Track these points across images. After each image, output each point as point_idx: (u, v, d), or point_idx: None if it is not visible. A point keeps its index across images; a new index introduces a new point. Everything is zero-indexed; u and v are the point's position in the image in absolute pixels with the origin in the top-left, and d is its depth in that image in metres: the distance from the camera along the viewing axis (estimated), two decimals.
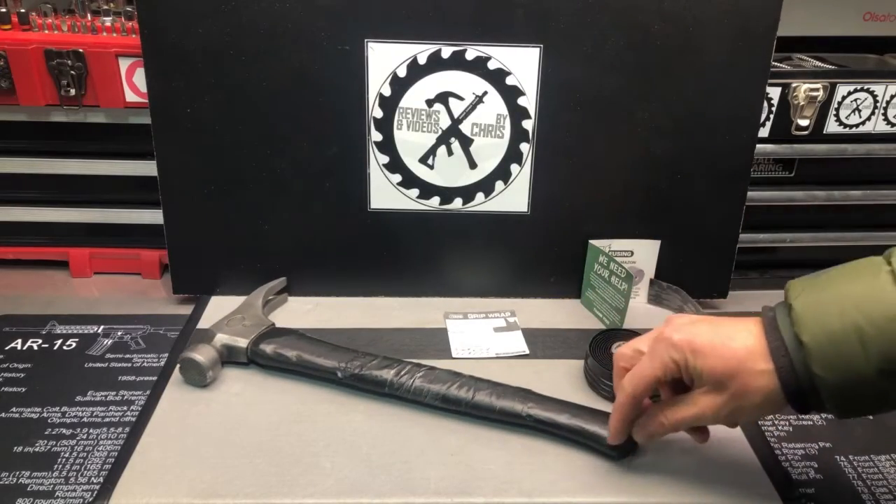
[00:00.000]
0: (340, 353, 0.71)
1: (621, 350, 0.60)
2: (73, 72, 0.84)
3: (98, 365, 0.78)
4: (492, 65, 0.78)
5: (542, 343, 0.79)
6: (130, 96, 0.85)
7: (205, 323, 0.80)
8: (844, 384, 0.48)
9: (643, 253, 0.85)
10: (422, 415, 0.67)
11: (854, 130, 0.89)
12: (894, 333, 0.47)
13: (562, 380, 0.73)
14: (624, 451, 0.62)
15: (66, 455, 0.66)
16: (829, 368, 0.48)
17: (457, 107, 0.80)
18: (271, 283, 0.84)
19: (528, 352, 0.78)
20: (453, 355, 0.77)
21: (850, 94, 0.87)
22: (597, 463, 0.62)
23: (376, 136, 0.81)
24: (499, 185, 0.83)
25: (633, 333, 0.74)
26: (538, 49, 0.78)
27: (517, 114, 0.80)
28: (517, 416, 0.64)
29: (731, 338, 0.52)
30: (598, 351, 0.73)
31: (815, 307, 0.50)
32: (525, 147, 0.82)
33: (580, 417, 0.63)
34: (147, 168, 0.87)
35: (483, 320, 0.83)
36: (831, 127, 0.89)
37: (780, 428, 0.71)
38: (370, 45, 0.77)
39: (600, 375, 0.70)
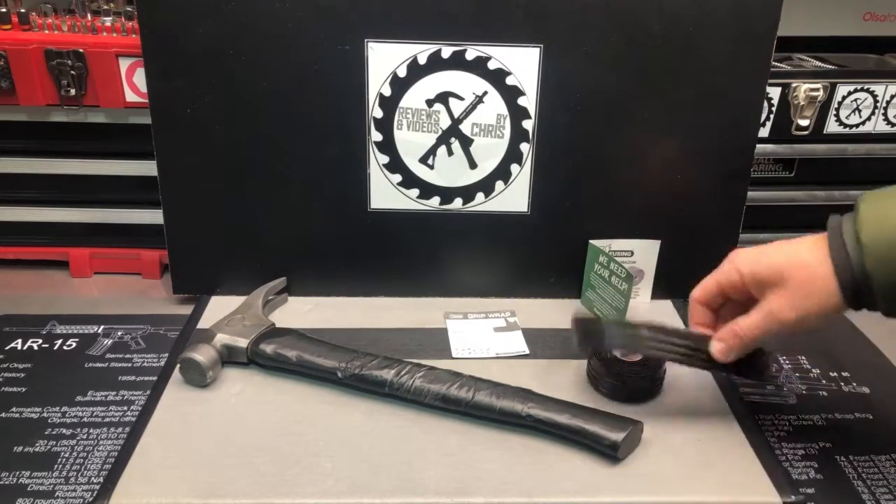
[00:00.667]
0: (340, 353, 0.71)
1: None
2: (73, 72, 0.84)
3: (98, 365, 0.78)
4: (492, 65, 0.78)
5: (542, 343, 0.79)
6: (130, 96, 0.85)
7: (205, 323, 0.80)
8: (893, 282, 0.52)
9: (643, 253, 0.85)
10: (422, 415, 0.67)
11: (854, 130, 0.89)
12: None
13: (562, 380, 0.73)
14: (625, 451, 0.62)
15: (66, 455, 0.66)
16: (883, 266, 0.52)
17: (457, 107, 0.80)
18: (271, 284, 0.84)
19: (528, 352, 0.78)
20: (453, 355, 0.77)
21: (850, 94, 0.87)
22: (597, 463, 0.62)
23: (376, 136, 0.81)
24: (499, 185, 0.83)
25: None
26: (538, 49, 0.78)
27: (517, 114, 0.80)
28: (517, 416, 0.64)
29: (792, 247, 0.58)
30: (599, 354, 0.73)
31: (878, 210, 0.54)
32: (525, 147, 0.82)
33: (580, 417, 0.63)
34: (147, 168, 0.87)
35: (483, 320, 0.83)
36: (831, 127, 0.89)
37: (780, 428, 0.71)
38: (370, 45, 0.77)
39: (604, 375, 0.70)
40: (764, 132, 0.87)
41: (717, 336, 0.62)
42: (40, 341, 0.81)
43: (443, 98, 0.80)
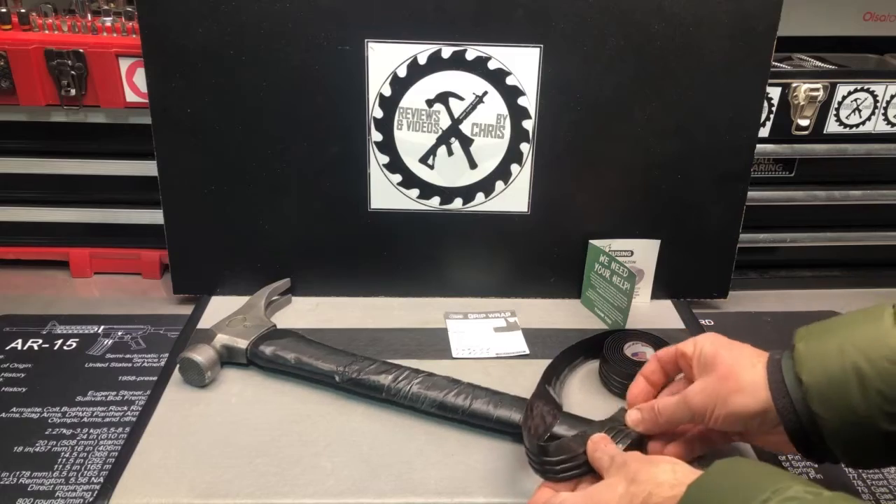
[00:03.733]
0: (339, 356, 0.71)
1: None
2: (73, 72, 0.84)
3: (98, 365, 0.78)
4: (492, 65, 0.78)
5: (543, 343, 0.79)
6: (130, 96, 0.85)
7: (205, 323, 0.80)
8: (844, 425, 0.48)
9: (643, 253, 0.85)
10: (422, 415, 0.67)
11: (854, 130, 0.89)
12: (894, 375, 0.47)
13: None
14: None
15: (67, 455, 0.66)
16: (829, 408, 0.48)
17: (457, 107, 0.80)
18: (275, 284, 0.84)
19: (528, 352, 0.78)
20: (454, 355, 0.77)
21: (850, 94, 0.87)
22: None
23: (376, 136, 0.81)
24: (499, 185, 0.83)
25: (644, 334, 0.76)
26: (538, 49, 0.78)
27: (517, 114, 0.80)
28: (514, 425, 0.64)
29: (740, 362, 0.53)
30: (612, 352, 0.73)
31: (816, 347, 0.50)
32: (525, 147, 0.82)
33: (578, 428, 0.62)
34: (147, 168, 0.87)
35: (483, 320, 0.83)
36: (831, 127, 0.89)
37: None
38: (370, 45, 0.77)
39: (615, 374, 0.71)
40: (764, 132, 0.87)
41: (638, 406, 0.60)
42: (40, 341, 0.81)
43: (443, 98, 0.80)
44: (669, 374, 0.62)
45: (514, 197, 0.83)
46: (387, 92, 0.79)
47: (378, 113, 0.80)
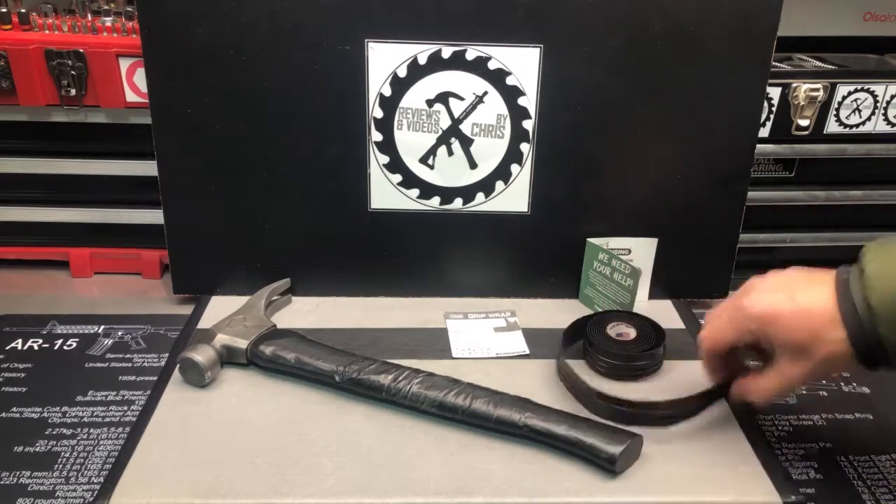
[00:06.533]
0: (339, 356, 0.71)
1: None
2: (73, 72, 0.84)
3: (98, 365, 0.78)
4: (492, 65, 0.78)
5: (542, 343, 0.79)
6: (131, 96, 0.85)
7: (205, 323, 0.80)
8: None
9: (640, 251, 0.85)
10: (422, 415, 0.67)
11: (854, 130, 0.89)
12: None
13: (562, 380, 0.73)
14: (623, 465, 0.61)
15: (67, 455, 0.66)
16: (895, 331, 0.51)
17: (457, 107, 0.80)
18: (275, 284, 0.84)
19: (528, 352, 0.78)
20: (453, 355, 0.77)
21: (850, 94, 0.87)
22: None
23: (376, 136, 0.81)
24: (499, 185, 0.83)
25: (626, 314, 0.79)
26: (538, 49, 0.78)
27: (517, 114, 0.80)
28: (514, 425, 0.64)
29: (806, 307, 0.55)
30: (595, 333, 0.75)
31: (885, 270, 0.52)
32: (525, 147, 0.82)
33: (579, 429, 0.62)
34: (147, 168, 0.87)
35: (483, 320, 0.83)
36: (831, 127, 0.89)
37: (780, 428, 0.71)
38: (370, 45, 0.77)
39: (600, 354, 0.73)
40: (764, 132, 0.87)
41: (735, 392, 0.64)
42: (40, 341, 0.81)
43: (443, 98, 0.80)
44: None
45: (513, 197, 0.83)
46: (387, 92, 0.79)
47: (378, 113, 0.80)
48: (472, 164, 0.82)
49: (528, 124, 0.81)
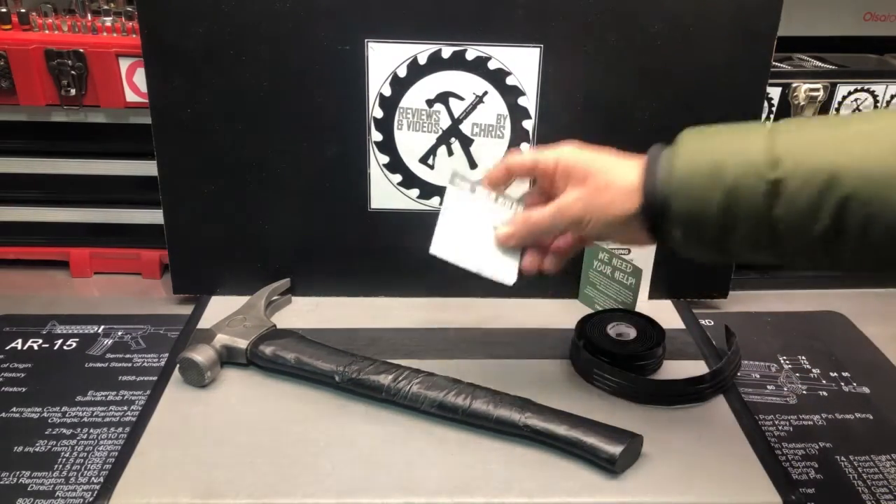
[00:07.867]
0: (338, 356, 0.71)
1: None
2: (73, 72, 0.84)
3: (98, 365, 0.78)
4: (492, 65, 0.78)
5: (542, 343, 0.79)
6: (130, 96, 0.85)
7: (205, 323, 0.80)
8: (692, 207, 0.51)
9: (640, 250, 0.85)
10: (422, 415, 0.67)
11: None
12: (744, 178, 0.49)
13: (563, 379, 0.73)
14: (623, 465, 0.61)
15: (67, 455, 0.66)
16: (684, 190, 0.52)
17: (457, 107, 0.80)
18: (275, 284, 0.84)
19: (511, 284, 0.65)
20: (431, 250, 0.66)
21: (850, 94, 0.87)
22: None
23: (376, 136, 0.81)
24: None
25: (630, 314, 0.79)
26: (538, 49, 0.78)
27: (517, 114, 0.80)
28: (514, 425, 0.64)
29: (622, 157, 0.58)
30: (593, 332, 0.75)
31: (695, 143, 0.53)
32: (525, 147, 0.81)
33: (578, 429, 0.62)
34: (147, 168, 0.87)
35: (490, 204, 0.65)
36: None
37: (780, 428, 0.71)
38: (370, 45, 0.77)
39: (595, 367, 0.72)
40: None
41: (509, 221, 0.63)
42: (40, 341, 0.81)
43: (443, 98, 0.80)
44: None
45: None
46: (387, 92, 0.79)
47: (378, 113, 0.80)
48: (472, 164, 0.82)
49: (528, 124, 0.81)
